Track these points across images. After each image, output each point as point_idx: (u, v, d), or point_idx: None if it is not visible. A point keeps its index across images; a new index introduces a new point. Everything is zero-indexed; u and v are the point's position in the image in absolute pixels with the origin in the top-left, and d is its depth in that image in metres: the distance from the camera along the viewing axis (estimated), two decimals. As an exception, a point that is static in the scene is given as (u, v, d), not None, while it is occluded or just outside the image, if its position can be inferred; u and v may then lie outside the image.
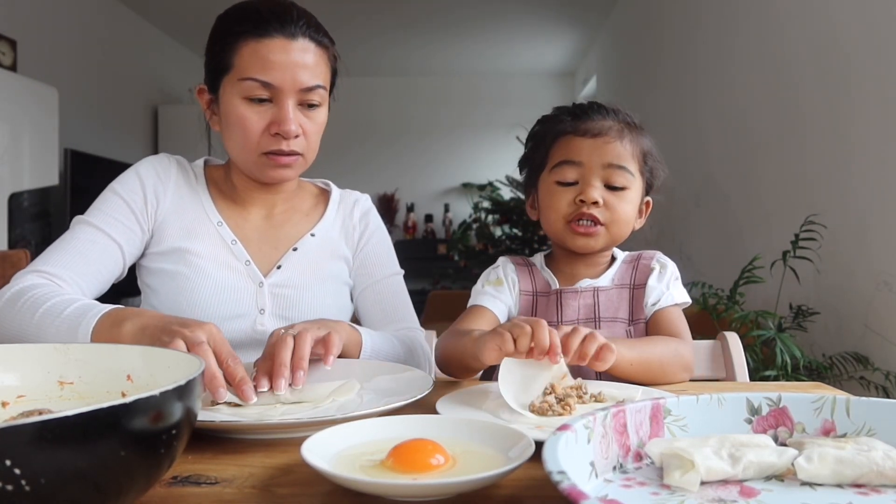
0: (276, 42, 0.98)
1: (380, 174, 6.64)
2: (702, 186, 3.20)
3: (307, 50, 1.00)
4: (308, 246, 1.12)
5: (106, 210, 1.05)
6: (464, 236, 5.88)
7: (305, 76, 1.00)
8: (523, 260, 1.11)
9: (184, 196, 1.10)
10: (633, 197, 1.01)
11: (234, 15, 1.02)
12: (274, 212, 1.14)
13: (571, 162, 0.99)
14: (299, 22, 1.00)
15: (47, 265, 0.98)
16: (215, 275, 1.05)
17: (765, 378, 1.75)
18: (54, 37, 4.13)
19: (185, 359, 0.55)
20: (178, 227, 1.07)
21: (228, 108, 1.01)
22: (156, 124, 5.46)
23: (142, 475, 0.43)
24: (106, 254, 1.02)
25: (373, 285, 1.17)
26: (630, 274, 1.06)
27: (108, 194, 1.07)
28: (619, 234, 1.02)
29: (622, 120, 1.02)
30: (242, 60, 0.99)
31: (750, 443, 0.53)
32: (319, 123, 1.06)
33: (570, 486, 0.38)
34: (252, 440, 0.66)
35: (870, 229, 1.87)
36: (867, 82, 1.90)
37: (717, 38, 3.08)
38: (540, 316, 1.03)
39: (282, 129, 0.99)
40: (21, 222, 3.58)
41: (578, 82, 6.61)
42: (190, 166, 1.15)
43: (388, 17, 5.25)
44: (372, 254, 1.18)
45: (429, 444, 0.53)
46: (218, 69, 1.03)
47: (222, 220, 1.10)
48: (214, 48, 1.03)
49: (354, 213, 1.19)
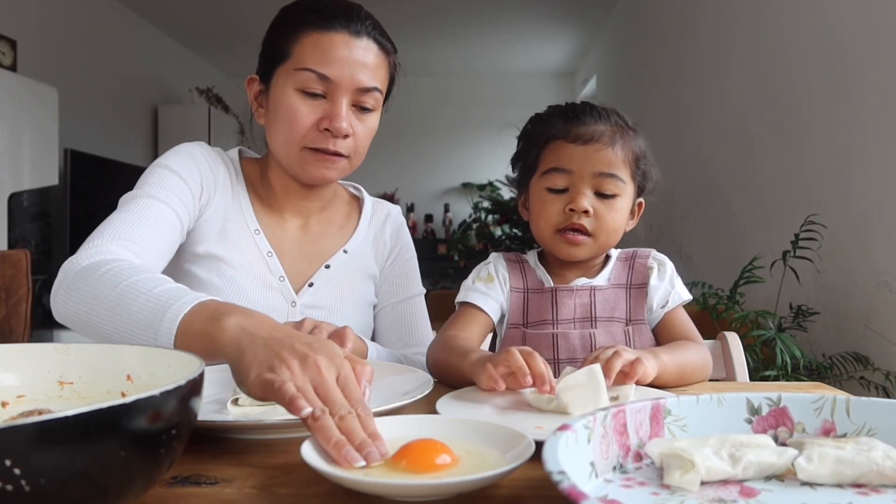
0: (340, 37, 0.96)
1: (380, 174, 6.63)
2: (702, 186, 3.20)
3: (369, 50, 0.98)
4: (340, 263, 1.09)
5: (164, 185, 0.96)
6: (464, 236, 5.89)
7: (364, 76, 0.97)
8: (516, 256, 1.10)
9: (227, 196, 1.05)
10: (624, 205, 1.00)
11: (300, 5, 1.00)
12: (310, 222, 1.11)
13: (562, 169, 0.98)
14: (366, 21, 0.98)
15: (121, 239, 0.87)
16: (249, 291, 1.01)
17: (765, 378, 1.74)
18: (54, 37, 4.12)
19: (186, 359, 0.55)
20: (217, 230, 1.02)
21: (279, 97, 0.98)
22: (156, 124, 5.45)
23: (142, 475, 0.43)
24: (172, 229, 0.95)
25: (393, 305, 1.15)
26: (626, 273, 1.05)
27: (162, 171, 0.98)
28: (606, 243, 1.01)
29: (615, 123, 1.00)
30: (303, 50, 0.96)
31: (750, 443, 0.53)
32: (370, 128, 1.02)
33: (570, 486, 0.38)
34: (252, 440, 0.66)
35: (870, 229, 1.87)
36: (867, 82, 1.90)
37: (716, 38, 3.08)
38: (532, 313, 1.03)
39: (333, 125, 0.96)
40: (21, 222, 3.57)
41: (578, 82, 6.60)
42: (230, 160, 1.09)
43: (388, 17, 5.20)
44: (398, 272, 1.16)
45: (437, 444, 0.53)
46: (274, 57, 0.99)
47: (260, 229, 1.05)
48: (273, 36, 1.00)
49: (386, 229, 1.17)
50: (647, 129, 1.05)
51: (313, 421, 0.54)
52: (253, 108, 1.05)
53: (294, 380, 0.58)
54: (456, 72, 6.77)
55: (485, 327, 1.03)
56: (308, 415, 0.55)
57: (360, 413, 0.56)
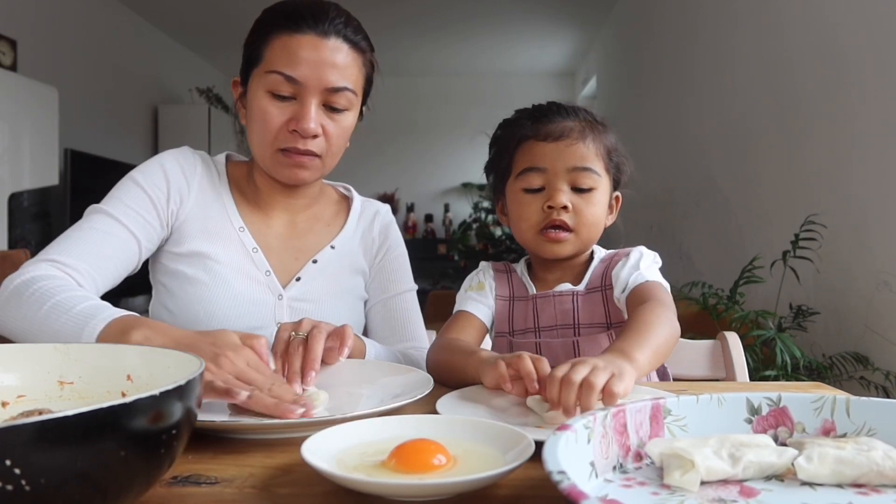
0: (307, 38, 0.96)
1: (380, 174, 6.64)
2: (702, 186, 3.20)
3: (339, 50, 0.98)
4: (328, 258, 1.11)
5: (126, 201, 1.00)
6: (464, 236, 5.89)
7: (333, 76, 0.97)
8: (504, 266, 1.10)
9: (207, 196, 1.07)
10: (601, 198, 0.99)
11: (273, 8, 1.01)
12: (296, 219, 1.12)
13: (536, 168, 0.98)
14: (335, 21, 0.98)
15: (62, 255, 0.93)
16: (235, 284, 1.03)
17: (765, 378, 1.74)
18: (54, 37, 4.13)
19: (186, 359, 0.55)
20: (199, 229, 1.04)
21: (253, 100, 1.00)
22: (156, 124, 5.46)
23: (142, 475, 0.43)
24: (123, 247, 0.98)
25: (385, 301, 1.16)
26: (601, 275, 1.03)
27: (129, 184, 1.02)
28: (588, 237, 1.00)
29: (583, 119, 1.00)
30: (272, 53, 0.97)
31: (750, 443, 0.53)
32: (343, 128, 1.02)
33: (570, 486, 0.38)
34: (252, 440, 0.66)
35: (870, 229, 1.87)
36: (867, 82, 1.90)
37: (717, 38, 3.08)
38: (517, 321, 1.03)
39: (300, 126, 0.97)
40: (21, 222, 3.58)
41: (578, 82, 6.61)
42: (213, 163, 1.11)
43: (388, 17, 5.25)
44: (388, 268, 1.17)
45: (431, 444, 0.53)
46: (250, 61, 1.02)
47: (244, 226, 1.07)
48: (249, 40, 1.02)
49: (375, 226, 1.18)
50: (647, 129, 1.05)
51: (249, 400, 0.66)
52: (237, 109, 1.08)
53: (218, 376, 0.69)
54: (456, 72, 6.77)
55: (480, 332, 1.04)
56: (244, 398, 0.65)
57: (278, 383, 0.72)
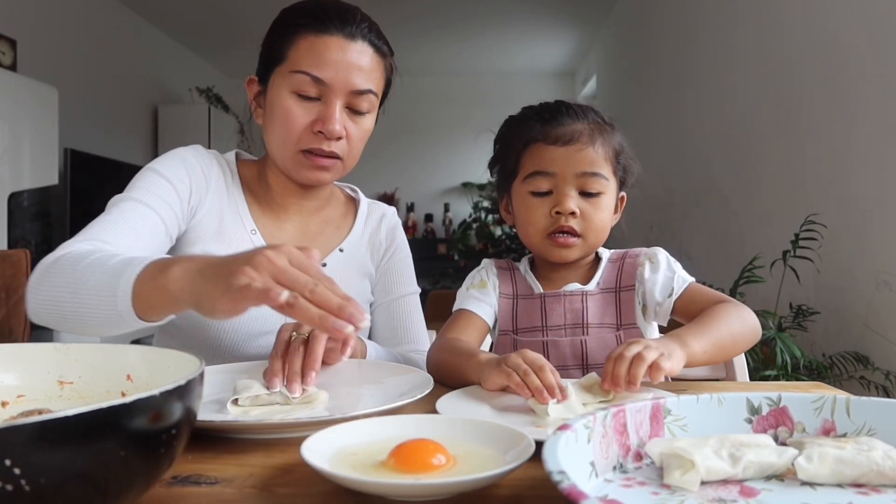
0: (335, 40, 0.97)
1: (380, 174, 6.63)
2: (702, 186, 3.20)
3: (364, 53, 0.99)
4: (336, 262, 1.10)
5: (151, 189, 0.97)
6: (464, 236, 5.89)
7: (359, 79, 0.98)
8: (507, 263, 1.10)
9: (222, 197, 1.06)
10: (608, 202, 0.99)
11: (296, 8, 1.01)
12: (307, 222, 1.12)
13: (544, 173, 0.97)
14: (361, 24, 0.99)
15: (97, 235, 0.89)
16: None
17: (765, 378, 1.74)
18: (54, 37, 4.12)
19: (186, 359, 0.55)
20: (213, 231, 1.03)
21: (275, 100, 0.99)
22: (156, 124, 5.45)
23: (142, 475, 0.43)
24: (156, 232, 0.95)
25: (388, 303, 1.16)
26: (615, 276, 1.03)
27: (151, 175, 0.99)
28: (595, 242, 1.00)
29: (592, 121, 0.99)
30: (297, 53, 0.97)
31: (750, 443, 0.53)
32: (364, 130, 1.03)
33: (570, 485, 0.38)
34: (252, 440, 0.66)
35: (870, 229, 1.87)
36: (867, 82, 1.90)
37: (716, 38, 3.08)
38: (522, 320, 1.02)
39: (325, 127, 0.97)
40: (21, 222, 3.57)
41: (578, 82, 6.60)
42: (226, 162, 1.10)
43: (388, 17, 5.22)
44: (392, 271, 1.17)
45: (430, 443, 0.53)
46: (271, 60, 1.00)
47: (256, 229, 1.06)
48: (271, 39, 1.01)
49: (382, 229, 1.18)
50: (648, 129, 1.05)
51: (289, 308, 0.60)
52: (252, 108, 1.07)
53: (256, 280, 0.60)
54: (456, 72, 6.76)
55: (481, 331, 1.03)
56: (285, 300, 0.59)
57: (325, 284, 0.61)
